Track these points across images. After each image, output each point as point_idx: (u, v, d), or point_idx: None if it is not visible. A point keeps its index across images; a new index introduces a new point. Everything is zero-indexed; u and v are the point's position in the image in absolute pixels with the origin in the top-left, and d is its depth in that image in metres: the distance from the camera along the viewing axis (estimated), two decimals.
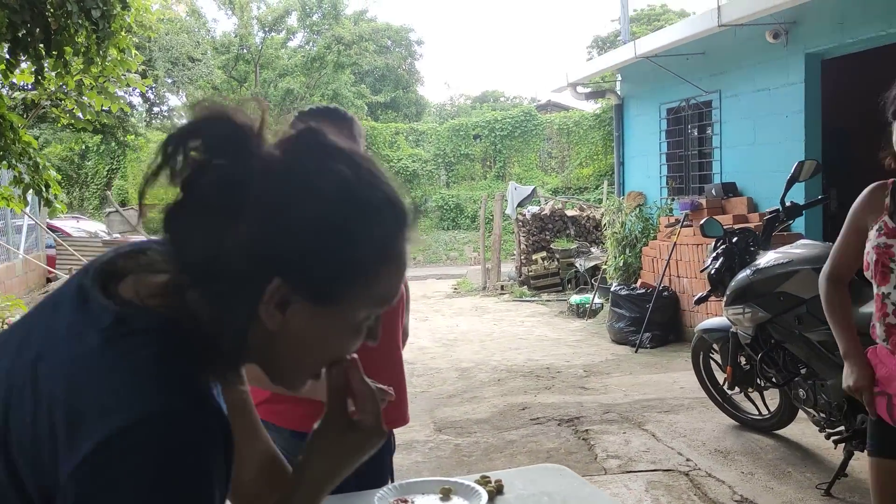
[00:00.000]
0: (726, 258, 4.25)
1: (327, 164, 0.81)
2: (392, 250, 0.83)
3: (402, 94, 27.96)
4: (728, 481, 3.94)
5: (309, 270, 0.79)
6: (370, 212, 0.81)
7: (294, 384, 0.91)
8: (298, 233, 0.78)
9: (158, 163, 0.79)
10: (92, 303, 0.80)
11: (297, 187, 0.79)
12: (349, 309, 0.83)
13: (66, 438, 0.71)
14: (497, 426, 5.15)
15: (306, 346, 0.85)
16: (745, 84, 7.58)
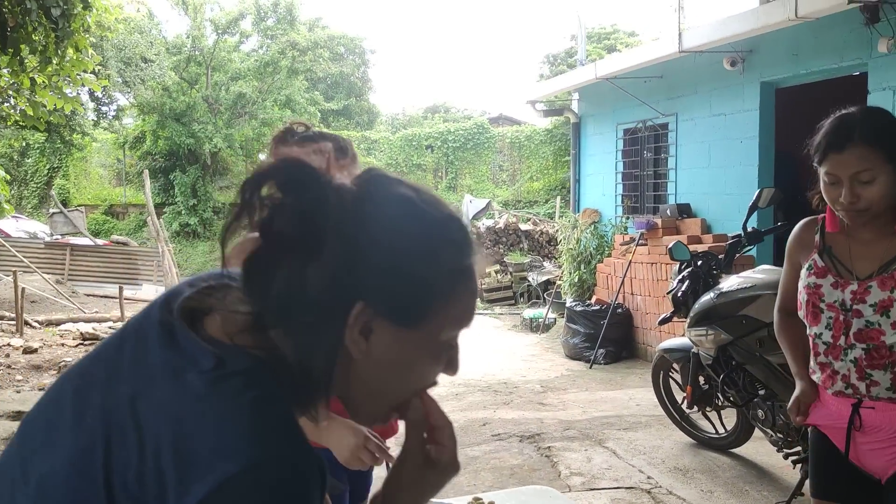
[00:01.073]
0: (692, 281, 4.36)
1: (394, 189, 0.85)
2: (464, 267, 0.86)
3: (354, 102, 27.83)
4: (689, 499, 4.03)
5: (389, 291, 0.81)
6: (440, 229, 0.85)
7: (374, 416, 0.92)
8: (376, 255, 0.80)
9: (238, 210, 0.80)
10: (182, 341, 0.80)
11: (372, 213, 0.82)
12: (431, 330, 0.85)
13: (176, 482, 0.71)
14: (459, 442, 5.14)
15: (391, 373, 0.86)
16: (702, 108, 7.80)
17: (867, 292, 1.92)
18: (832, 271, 1.99)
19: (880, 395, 1.93)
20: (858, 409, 1.97)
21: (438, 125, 24.74)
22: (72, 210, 19.16)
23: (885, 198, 1.86)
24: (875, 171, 1.83)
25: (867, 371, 1.93)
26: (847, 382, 1.97)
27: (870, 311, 1.91)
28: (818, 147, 1.90)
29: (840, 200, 1.87)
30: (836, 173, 1.87)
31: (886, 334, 1.89)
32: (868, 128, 1.85)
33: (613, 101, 9.24)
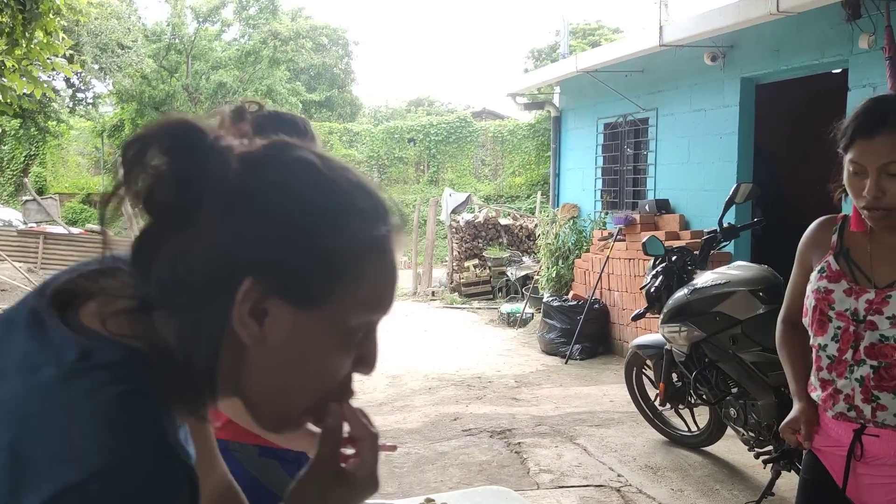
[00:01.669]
0: (666, 276, 4.29)
1: (295, 153, 0.76)
2: (374, 240, 0.75)
3: (337, 94, 27.66)
4: (658, 498, 3.96)
5: (284, 266, 0.71)
6: (345, 197, 0.74)
7: (280, 420, 0.79)
8: (268, 225, 0.70)
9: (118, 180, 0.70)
10: (51, 331, 0.69)
11: (265, 178, 0.72)
12: (336, 313, 0.74)
13: (8, 491, 0.60)
14: (428, 437, 5.07)
15: (292, 365, 0.75)
16: (682, 104, 7.74)
17: (885, 303, 1.68)
18: (847, 276, 1.76)
19: (886, 421, 1.68)
20: (860, 437, 1.72)
21: (421, 118, 24.63)
22: (45, 198, 18.87)
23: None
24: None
25: (874, 393, 1.68)
26: (850, 404, 1.72)
27: (886, 325, 1.66)
28: (846, 131, 1.68)
29: (863, 194, 1.64)
30: (862, 162, 1.64)
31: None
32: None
33: (594, 96, 9.16)
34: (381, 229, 0.76)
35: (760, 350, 3.73)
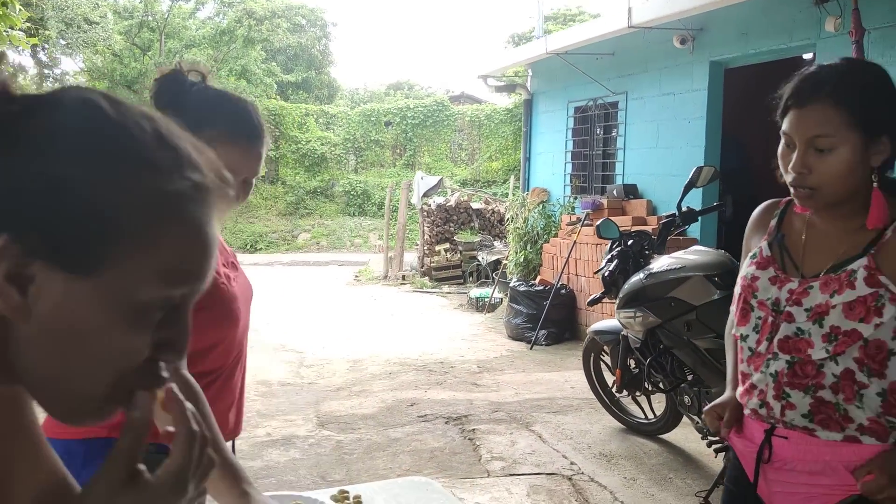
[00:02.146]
0: (621, 260, 4.20)
1: (83, 94, 0.65)
2: (171, 205, 0.63)
3: (314, 76, 27.30)
4: (610, 487, 3.88)
5: (47, 223, 0.59)
6: (135, 145, 0.63)
7: (75, 411, 0.67)
8: (28, 172, 0.60)
9: None
10: None
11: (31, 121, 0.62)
12: (118, 283, 0.62)
13: None
14: (383, 423, 4.96)
15: (66, 342, 0.62)
16: (651, 87, 7.64)
17: (806, 293, 1.51)
18: (776, 263, 1.60)
19: (795, 422, 1.52)
20: (770, 437, 1.58)
21: (398, 101, 24.39)
22: None
23: (842, 177, 1.44)
24: (836, 139, 1.42)
25: (785, 390, 1.53)
26: (762, 400, 1.57)
27: (803, 317, 1.50)
28: (782, 98, 1.52)
29: (789, 169, 1.49)
30: (791, 134, 1.48)
31: (814, 347, 1.48)
32: (845, 84, 1.44)
33: (565, 79, 9.04)
34: (179, 185, 0.63)
35: (714, 337, 3.65)
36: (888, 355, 1.44)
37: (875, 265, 1.45)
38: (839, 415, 1.47)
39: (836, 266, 1.51)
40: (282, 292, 11.32)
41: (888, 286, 1.43)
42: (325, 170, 22.11)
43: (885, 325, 1.42)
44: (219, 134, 1.46)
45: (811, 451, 1.51)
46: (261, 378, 6.11)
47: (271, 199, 21.19)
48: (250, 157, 1.55)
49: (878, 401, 1.45)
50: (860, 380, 1.45)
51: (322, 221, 20.75)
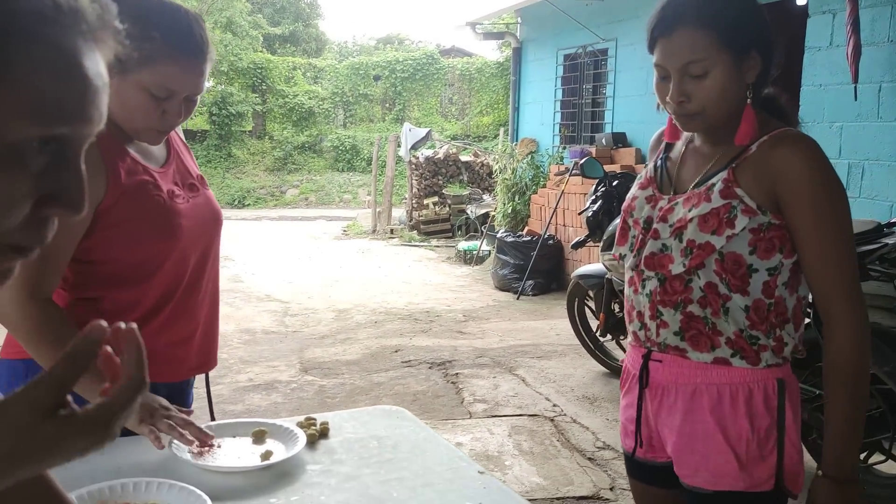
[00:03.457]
0: (605, 201, 4.13)
1: None
2: (33, 33, 0.54)
3: (301, 28, 26.85)
4: (592, 427, 3.87)
5: None
6: None
7: None
8: None
9: None
10: None
11: None
12: None
13: None
14: (366, 368, 4.93)
15: None
16: (642, 33, 7.37)
17: (671, 209, 1.48)
18: (655, 183, 1.58)
19: (668, 342, 1.49)
20: (648, 362, 1.54)
21: (387, 54, 24.02)
22: None
23: (722, 98, 1.40)
24: (708, 62, 1.38)
25: (658, 308, 1.50)
26: (641, 322, 1.54)
27: (667, 233, 1.47)
28: (648, 30, 1.48)
29: (668, 100, 1.44)
30: (664, 64, 1.43)
31: (674, 262, 1.45)
32: (707, 4, 1.40)
33: (554, 25, 8.87)
34: (35, 3, 0.54)
35: None
36: (748, 271, 1.41)
37: (733, 177, 1.42)
38: (708, 329, 1.45)
39: (700, 182, 1.48)
40: (268, 246, 11.25)
41: (743, 198, 1.40)
42: (313, 125, 21.85)
43: (738, 237, 1.39)
44: (159, 50, 1.39)
45: (683, 373, 1.49)
46: (245, 326, 6.07)
47: (259, 155, 20.96)
48: (192, 73, 1.45)
49: (742, 315, 1.43)
50: (723, 292, 1.43)
51: (310, 177, 20.57)
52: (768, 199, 1.39)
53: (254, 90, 21.26)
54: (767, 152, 1.40)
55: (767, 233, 1.40)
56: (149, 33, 1.37)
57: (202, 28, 1.48)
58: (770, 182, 1.39)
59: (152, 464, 1.48)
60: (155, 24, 1.40)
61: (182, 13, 1.46)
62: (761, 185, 1.39)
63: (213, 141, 20.40)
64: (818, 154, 1.38)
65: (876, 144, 4.88)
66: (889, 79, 4.84)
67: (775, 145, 1.40)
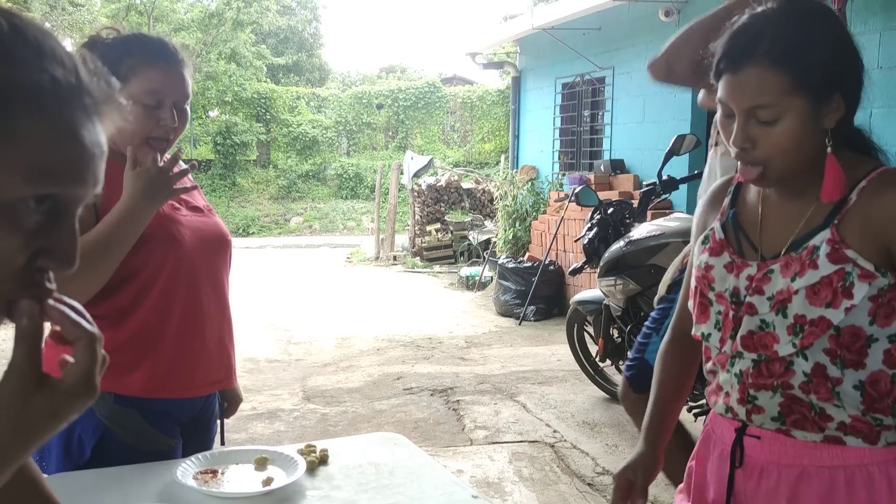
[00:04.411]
0: (601, 229, 4.21)
1: None
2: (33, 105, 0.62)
3: (305, 58, 27.17)
4: (592, 453, 3.91)
5: None
6: None
7: None
8: None
9: None
10: None
11: None
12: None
13: None
14: (368, 395, 4.98)
15: None
16: (638, 61, 7.60)
17: (766, 279, 1.26)
18: (730, 247, 1.35)
19: (765, 425, 1.29)
20: (742, 437, 1.32)
21: (390, 83, 24.29)
22: None
23: (793, 150, 1.22)
24: (780, 108, 1.19)
25: (750, 392, 1.29)
26: (727, 404, 1.33)
27: (766, 307, 1.25)
28: (714, 59, 1.27)
29: (730, 143, 1.25)
30: (729, 104, 1.24)
31: (780, 342, 1.24)
32: (784, 38, 1.19)
33: (553, 55, 9.01)
34: (36, 78, 0.62)
35: None
36: (867, 342, 1.21)
37: (839, 237, 1.21)
38: (815, 414, 1.24)
39: (797, 243, 1.26)
40: (272, 274, 11.33)
41: (856, 260, 1.19)
42: (316, 153, 22.04)
43: (857, 309, 1.18)
44: (137, 60, 1.58)
45: (787, 452, 1.27)
46: (248, 355, 6.12)
47: (263, 183, 21.14)
48: (172, 76, 1.62)
49: (857, 396, 1.22)
50: (833, 375, 1.22)
51: (314, 205, 20.72)
52: (884, 256, 1.19)
53: (258, 119, 21.49)
54: (874, 200, 1.20)
55: (887, 296, 1.19)
56: (127, 52, 1.58)
57: (175, 46, 1.67)
58: (883, 235, 1.19)
59: (158, 491, 1.54)
60: (133, 45, 1.61)
61: (153, 35, 1.70)
62: (874, 240, 1.19)
63: (218, 170, 20.59)
64: None
65: None
66: (879, 105, 4.93)
67: (880, 191, 1.20)
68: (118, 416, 1.64)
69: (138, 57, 1.58)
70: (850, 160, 1.24)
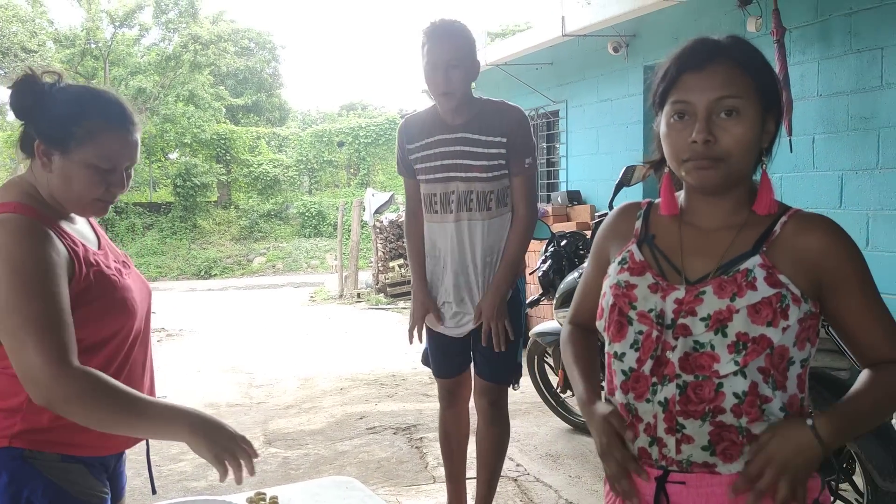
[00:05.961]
0: (555, 260, 4.25)
1: None
2: None
3: (264, 98, 27.19)
4: (555, 486, 3.90)
5: None
6: None
7: None
8: None
9: None
10: None
11: None
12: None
13: None
14: (330, 437, 4.92)
15: None
16: (590, 95, 7.76)
17: (698, 301, 1.29)
18: (652, 268, 1.37)
19: (693, 458, 1.28)
20: (664, 486, 1.30)
21: (350, 121, 24.40)
22: None
23: (748, 148, 1.28)
24: (743, 101, 1.26)
25: (679, 421, 1.28)
26: (652, 436, 1.30)
27: (700, 328, 1.27)
28: (665, 74, 1.33)
29: (691, 140, 1.26)
30: (689, 99, 1.28)
31: (721, 361, 1.26)
32: (743, 48, 1.31)
33: (507, 90, 9.13)
34: None
35: None
36: (787, 365, 1.28)
37: (770, 263, 1.28)
38: (742, 437, 1.26)
39: (725, 267, 1.30)
40: (235, 316, 11.20)
41: (788, 286, 1.26)
42: (278, 192, 22.00)
43: (790, 330, 1.26)
44: (98, 125, 1.58)
45: (714, 493, 1.28)
46: (209, 401, 6.03)
47: (224, 224, 20.99)
48: (130, 143, 1.64)
49: (780, 416, 1.28)
50: (764, 393, 1.26)
51: (277, 244, 20.61)
52: (809, 285, 1.29)
53: (218, 160, 21.41)
54: (801, 238, 1.30)
55: (807, 322, 1.28)
56: (85, 113, 1.58)
57: (127, 103, 1.69)
58: (810, 269, 1.29)
59: None
60: (93, 106, 1.60)
61: (112, 95, 1.67)
62: (800, 270, 1.28)
63: (178, 213, 20.42)
64: (846, 234, 1.32)
65: (814, 194, 5.09)
66: (821, 131, 5.08)
67: (804, 230, 1.30)
68: (66, 472, 1.62)
69: (98, 122, 1.58)
70: None
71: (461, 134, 2.87)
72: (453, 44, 2.81)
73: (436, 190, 2.95)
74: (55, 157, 1.57)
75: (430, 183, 2.96)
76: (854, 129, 4.86)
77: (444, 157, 2.90)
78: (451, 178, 2.90)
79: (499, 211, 2.92)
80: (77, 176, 1.57)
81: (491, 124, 2.84)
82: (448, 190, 2.92)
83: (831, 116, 5.00)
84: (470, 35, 2.88)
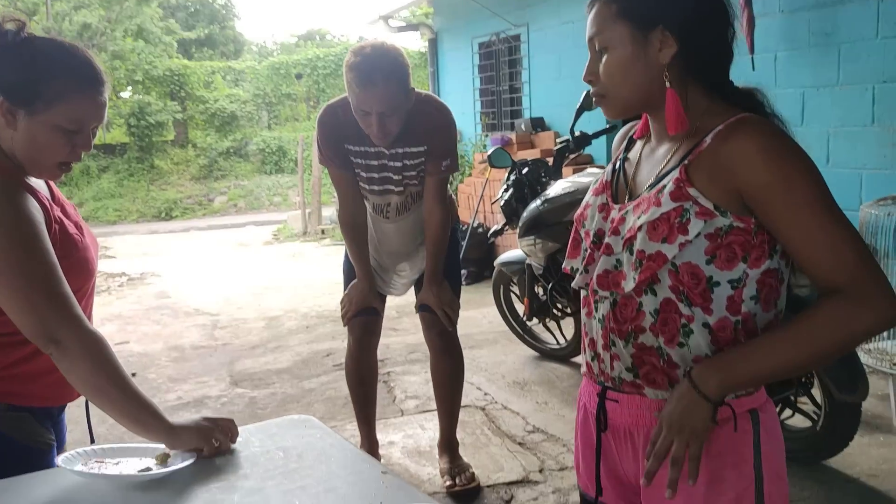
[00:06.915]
0: (517, 189, 4.19)
1: None
2: None
3: (217, 31, 26.31)
4: (522, 412, 3.93)
5: None
6: None
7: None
8: None
9: None
10: None
11: None
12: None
13: None
14: (297, 375, 4.90)
15: None
16: (551, 18, 7.58)
17: (622, 220, 1.29)
18: (610, 188, 1.38)
19: (622, 376, 1.30)
20: (604, 400, 1.34)
21: (308, 52, 23.74)
22: None
23: (622, 78, 1.27)
24: (607, 35, 1.26)
25: (611, 337, 1.30)
26: (595, 351, 1.35)
27: (619, 246, 1.27)
28: None
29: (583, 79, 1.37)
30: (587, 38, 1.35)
31: (626, 278, 1.25)
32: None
33: (467, 14, 8.91)
34: None
35: None
36: (708, 285, 1.21)
37: (686, 176, 1.22)
38: (663, 363, 1.25)
39: (653, 184, 1.28)
40: (197, 257, 11.04)
41: (697, 199, 1.19)
42: (236, 129, 21.47)
43: (692, 245, 1.19)
44: (67, 86, 1.52)
45: (642, 414, 1.30)
46: (173, 343, 5.95)
47: (183, 164, 20.51)
48: (99, 105, 1.59)
49: (705, 337, 1.23)
50: (684, 311, 1.23)
51: (238, 182, 20.22)
52: (729, 197, 1.19)
53: (172, 98, 20.76)
54: (722, 146, 1.19)
55: (726, 238, 1.19)
56: (58, 74, 1.52)
57: (95, 59, 1.62)
58: (728, 178, 1.19)
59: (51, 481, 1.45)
60: (62, 66, 1.54)
61: (81, 53, 1.60)
62: (718, 182, 1.19)
63: (134, 153, 19.88)
64: (777, 137, 1.19)
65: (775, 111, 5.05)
66: (783, 48, 5.01)
67: (729, 135, 1.19)
68: (13, 420, 1.64)
69: (68, 82, 1.53)
70: (719, 108, 1.27)
71: (397, 149, 2.78)
72: (387, 92, 2.55)
73: (373, 199, 2.96)
74: (20, 115, 1.51)
75: (367, 193, 2.94)
76: (815, 45, 4.80)
77: (381, 171, 2.84)
78: (388, 191, 2.90)
79: None
80: (42, 137, 1.53)
81: (416, 132, 2.75)
82: (385, 202, 2.95)
83: (793, 33, 4.93)
84: (402, 68, 2.61)
